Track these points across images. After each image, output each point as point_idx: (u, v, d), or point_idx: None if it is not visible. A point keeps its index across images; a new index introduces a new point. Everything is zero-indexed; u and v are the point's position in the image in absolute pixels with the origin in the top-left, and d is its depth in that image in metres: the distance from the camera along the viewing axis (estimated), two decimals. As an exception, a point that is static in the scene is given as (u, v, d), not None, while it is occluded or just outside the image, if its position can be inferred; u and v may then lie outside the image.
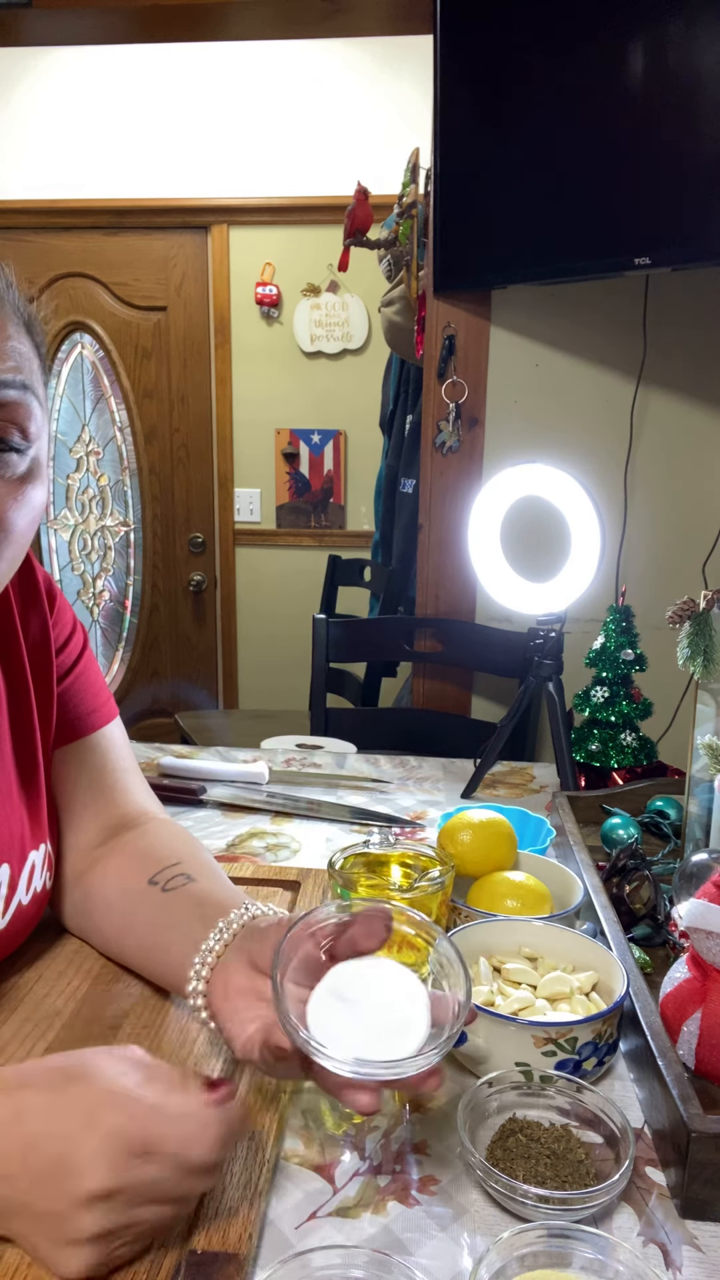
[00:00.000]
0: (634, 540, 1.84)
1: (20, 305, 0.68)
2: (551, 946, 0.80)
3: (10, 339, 0.65)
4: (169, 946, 0.73)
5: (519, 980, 0.76)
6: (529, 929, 0.81)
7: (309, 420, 3.41)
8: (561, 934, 0.80)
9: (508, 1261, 0.52)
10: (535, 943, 0.80)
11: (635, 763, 1.37)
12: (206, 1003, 0.67)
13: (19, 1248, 0.53)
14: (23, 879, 0.78)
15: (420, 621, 1.95)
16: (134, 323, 3.40)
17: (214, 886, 0.78)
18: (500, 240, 1.70)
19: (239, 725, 3.04)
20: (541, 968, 0.78)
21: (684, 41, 1.38)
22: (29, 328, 0.69)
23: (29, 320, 0.69)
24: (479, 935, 0.80)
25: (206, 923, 0.71)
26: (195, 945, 0.69)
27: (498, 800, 1.28)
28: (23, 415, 0.65)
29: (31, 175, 3.28)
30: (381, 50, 3.05)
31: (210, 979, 0.67)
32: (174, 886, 0.78)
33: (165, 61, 3.15)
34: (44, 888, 0.82)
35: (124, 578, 3.62)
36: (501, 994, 0.74)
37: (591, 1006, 0.72)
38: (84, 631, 0.90)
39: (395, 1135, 0.65)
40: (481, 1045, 0.69)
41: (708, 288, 1.73)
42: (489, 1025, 0.68)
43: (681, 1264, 0.56)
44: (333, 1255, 0.52)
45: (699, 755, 0.97)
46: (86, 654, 0.89)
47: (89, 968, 0.82)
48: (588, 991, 0.74)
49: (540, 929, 0.80)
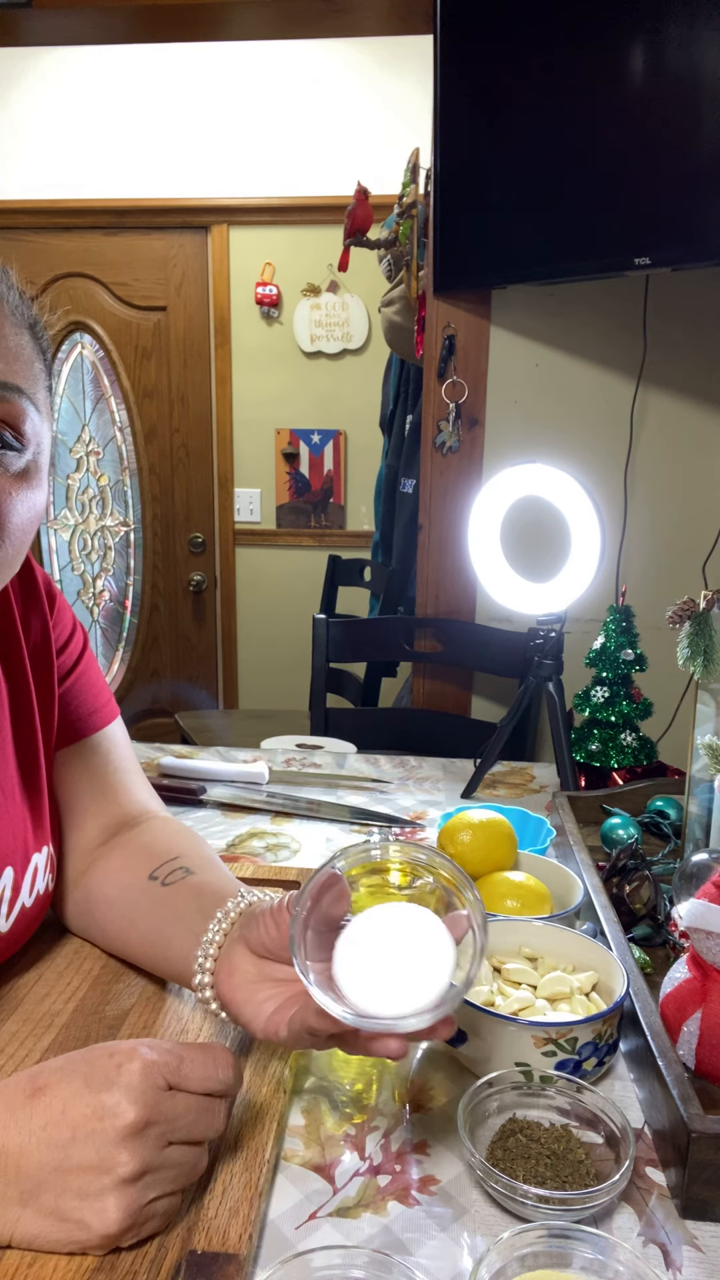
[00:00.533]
0: (634, 540, 1.84)
1: (22, 308, 0.68)
2: (551, 947, 0.80)
3: (7, 339, 0.65)
4: (171, 940, 0.74)
5: (519, 980, 0.76)
6: (529, 929, 0.81)
7: (309, 420, 3.41)
8: (561, 934, 0.80)
9: (508, 1262, 0.52)
10: (535, 943, 0.80)
11: (635, 763, 1.37)
12: (215, 994, 0.68)
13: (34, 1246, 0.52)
14: (26, 881, 0.78)
15: (420, 621, 1.95)
16: (134, 323, 3.40)
17: (212, 878, 0.78)
18: (500, 240, 1.70)
19: (239, 725, 3.04)
20: (541, 968, 0.78)
21: (684, 40, 1.38)
22: (32, 330, 0.68)
23: (31, 323, 0.69)
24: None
25: (205, 914, 0.71)
26: (196, 938, 0.70)
27: (498, 800, 1.28)
28: (15, 415, 0.65)
29: (31, 175, 3.28)
30: (381, 50, 3.05)
31: (215, 970, 0.68)
32: (173, 880, 0.78)
33: (165, 61, 3.15)
34: (46, 889, 0.82)
35: (124, 578, 3.62)
36: (501, 994, 0.74)
37: (592, 1007, 0.72)
38: (84, 632, 0.90)
39: (395, 1135, 0.65)
40: (482, 1045, 0.69)
41: (708, 288, 1.73)
42: (489, 1025, 0.68)
43: (681, 1264, 0.56)
44: (333, 1255, 0.52)
45: (699, 755, 0.97)
46: (87, 654, 0.90)
47: (89, 968, 0.82)
48: (588, 992, 0.74)
49: (540, 929, 0.80)
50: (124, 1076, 0.53)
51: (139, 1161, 0.51)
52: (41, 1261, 0.52)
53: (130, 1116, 0.52)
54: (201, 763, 1.33)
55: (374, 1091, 0.68)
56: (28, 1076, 0.55)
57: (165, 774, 1.30)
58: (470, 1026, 0.69)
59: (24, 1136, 0.52)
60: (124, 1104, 0.52)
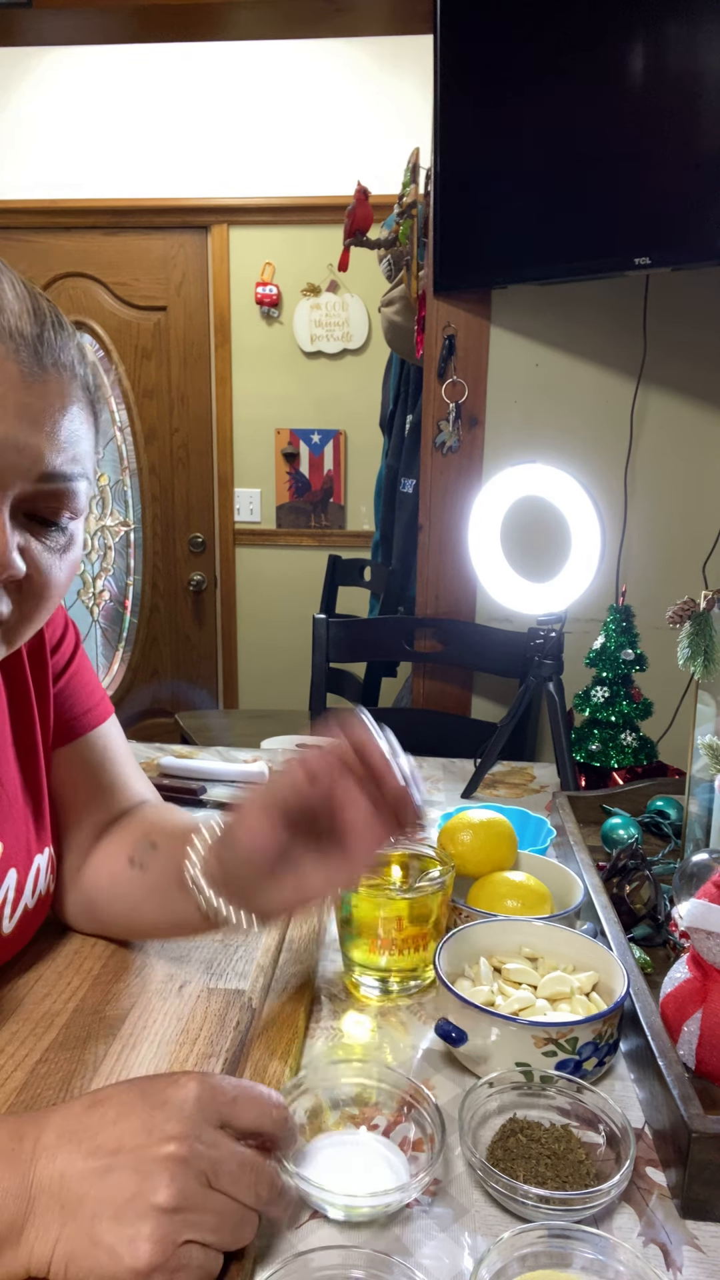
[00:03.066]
0: (634, 540, 1.84)
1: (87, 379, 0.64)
2: (552, 946, 0.80)
3: (72, 421, 0.61)
4: (157, 925, 0.80)
5: (519, 980, 0.76)
6: (529, 929, 0.81)
7: (309, 420, 3.41)
8: (561, 934, 0.80)
9: (508, 1262, 0.52)
10: (535, 943, 0.80)
11: (635, 763, 1.37)
12: (214, 878, 0.71)
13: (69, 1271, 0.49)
14: (29, 883, 0.78)
15: (420, 621, 1.95)
16: (134, 323, 3.40)
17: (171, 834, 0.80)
18: (500, 240, 1.70)
19: (239, 725, 3.04)
20: (541, 968, 0.78)
21: (684, 40, 1.38)
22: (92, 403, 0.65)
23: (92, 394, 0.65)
24: (479, 935, 0.80)
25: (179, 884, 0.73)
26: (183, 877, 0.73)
27: (498, 800, 1.28)
28: (75, 501, 0.63)
29: (31, 175, 3.28)
30: (381, 50, 3.05)
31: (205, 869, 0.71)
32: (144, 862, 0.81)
33: (165, 61, 3.15)
34: (48, 890, 0.82)
35: (124, 578, 3.62)
36: (502, 994, 0.74)
37: (592, 1006, 0.72)
38: (75, 629, 0.90)
39: (395, 1134, 0.65)
40: (482, 1045, 0.69)
41: (708, 288, 1.73)
42: (489, 1025, 0.68)
43: (682, 1264, 0.56)
44: (333, 1255, 0.52)
45: (699, 755, 0.97)
46: (80, 652, 0.89)
47: (89, 968, 0.83)
48: (588, 991, 0.74)
49: (540, 929, 0.80)
50: (179, 1092, 0.53)
51: (178, 1189, 0.49)
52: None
53: (175, 1132, 0.50)
54: (201, 763, 1.33)
55: (374, 1091, 0.68)
56: (91, 1092, 0.55)
57: (165, 774, 1.30)
58: (471, 1026, 0.69)
59: (74, 1147, 0.51)
60: (172, 1122, 0.51)
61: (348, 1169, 0.60)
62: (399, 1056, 0.74)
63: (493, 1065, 0.68)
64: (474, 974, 0.77)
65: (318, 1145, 0.62)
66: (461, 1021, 0.70)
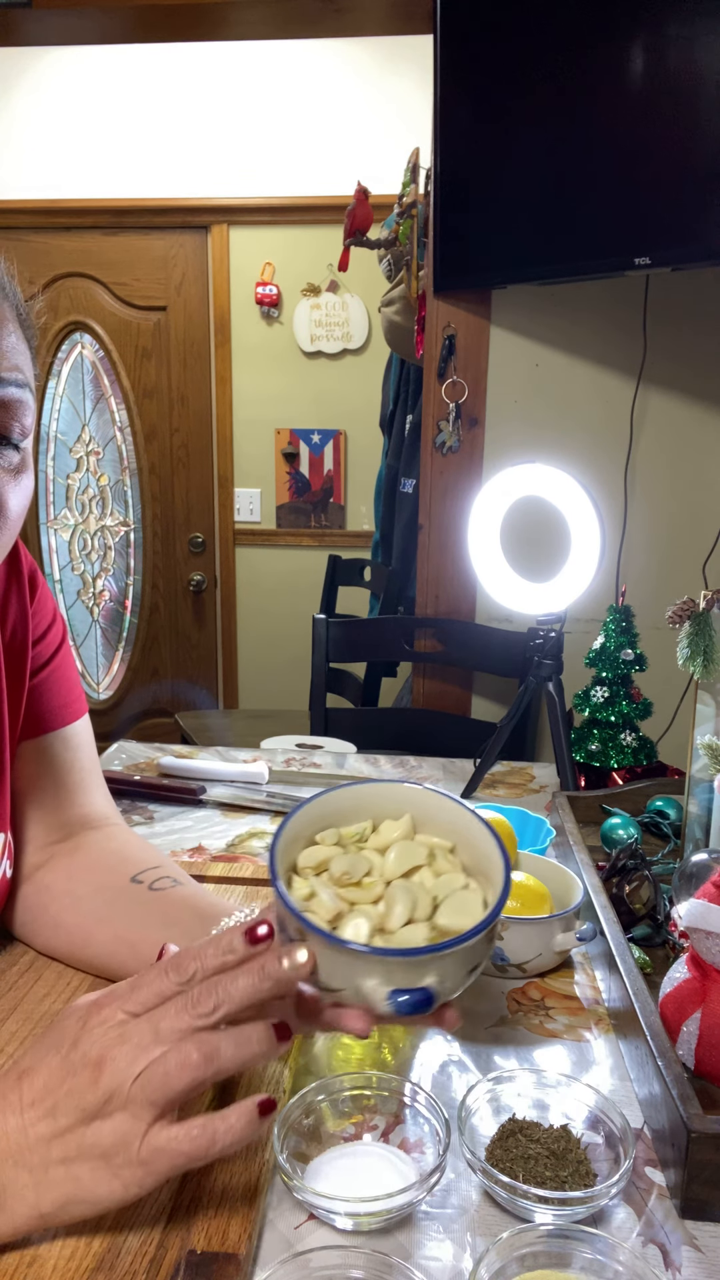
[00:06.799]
0: (634, 540, 1.84)
1: (17, 300, 0.68)
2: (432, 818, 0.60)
3: (10, 335, 0.65)
4: (159, 944, 0.73)
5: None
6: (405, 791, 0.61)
7: (309, 420, 3.41)
8: (444, 803, 0.60)
9: (508, 1261, 0.52)
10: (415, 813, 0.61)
11: (635, 763, 1.37)
12: None
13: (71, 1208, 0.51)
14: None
15: (420, 621, 1.95)
16: (134, 323, 3.40)
17: (203, 893, 0.79)
18: (500, 240, 1.70)
19: (239, 725, 3.04)
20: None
21: (684, 40, 1.38)
22: (22, 323, 0.69)
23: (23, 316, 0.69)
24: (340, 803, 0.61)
25: (206, 922, 0.71)
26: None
27: (498, 800, 1.28)
28: (23, 412, 0.66)
29: (31, 175, 3.28)
30: (381, 50, 3.05)
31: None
32: (161, 887, 0.78)
33: (165, 61, 3.15)
34: (4, 876, 0.82)
35: (124, 578, 3.62)
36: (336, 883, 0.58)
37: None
38: (64, 625, 0.89)
39: (394, 1134, 0.65)
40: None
41: (708, 288, 1.73)
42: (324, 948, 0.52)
43: (681, 1264, 0.56)
44: (333, 1255, 0.52)
45: (699, 755, 0.97)
46: (64, 648, 0.89)
47: (89, 968, 0.82)
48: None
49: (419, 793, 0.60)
50: (75, 1019, 0.54)
51: (118, 1049, 0.51)
52: (41, 1261, 0.52)
53: (96, 1052, 0.51)
54: (201, 763, 1.33)
55: (374, 1091, 0.68)
56: (13, 1063, 0.55)
57: (165, 774, 1.30)
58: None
59: (17, 1116, 0.52)
60: (86, 1043, 0.52)
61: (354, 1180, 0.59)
62: (399, 1056, 0.74)
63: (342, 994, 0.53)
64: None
65: (324, 1160, 0.61)
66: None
